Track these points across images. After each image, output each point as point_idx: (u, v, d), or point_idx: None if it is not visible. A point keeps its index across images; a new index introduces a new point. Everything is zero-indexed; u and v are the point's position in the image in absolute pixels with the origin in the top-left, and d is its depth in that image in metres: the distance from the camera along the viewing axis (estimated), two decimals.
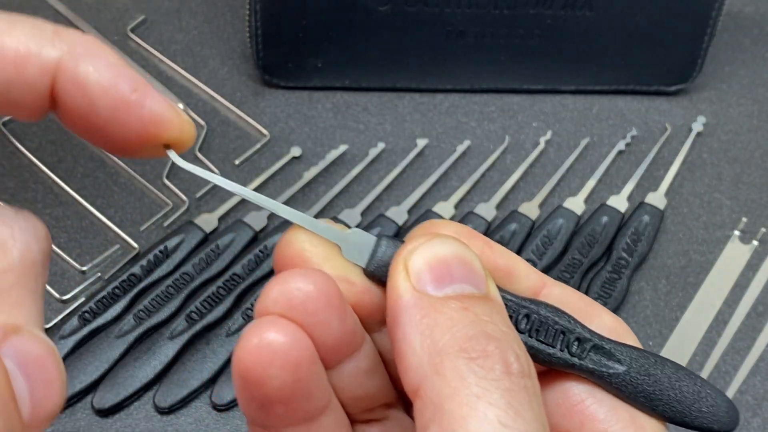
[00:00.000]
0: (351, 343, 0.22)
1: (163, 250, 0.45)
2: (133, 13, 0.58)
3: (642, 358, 0.22)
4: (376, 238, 0.22)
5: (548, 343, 0.22)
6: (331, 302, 0.20)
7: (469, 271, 0.20)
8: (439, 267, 0.20)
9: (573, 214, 0.48)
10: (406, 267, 0.20)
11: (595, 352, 0.22)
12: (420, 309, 0.20)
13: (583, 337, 0.22)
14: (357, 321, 0.22)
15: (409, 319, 0.20)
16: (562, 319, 0.22)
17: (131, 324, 0.42)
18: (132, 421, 0.40)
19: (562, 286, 0.24)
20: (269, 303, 0.20)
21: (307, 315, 0.20)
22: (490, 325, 0.19)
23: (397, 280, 0.20)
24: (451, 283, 0.20)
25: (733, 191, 0.52)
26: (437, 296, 0.20)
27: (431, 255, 0.20)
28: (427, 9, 0.51)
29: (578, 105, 0.56)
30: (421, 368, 0.19)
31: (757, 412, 0.43)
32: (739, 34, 0.61)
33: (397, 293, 0.20)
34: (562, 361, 0.22)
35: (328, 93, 0.55)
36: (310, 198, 0.49)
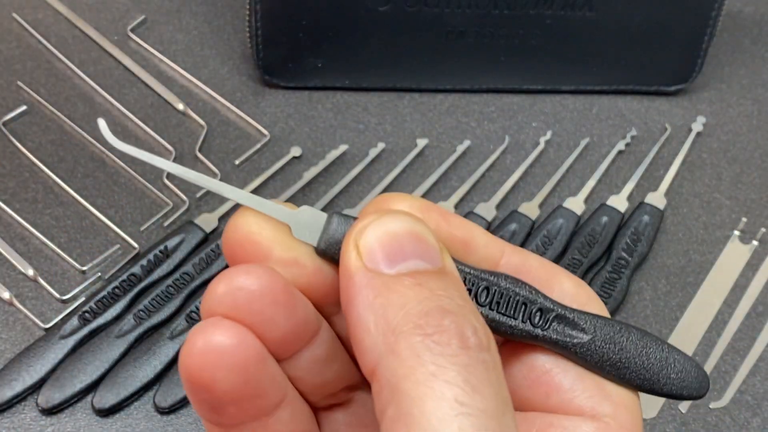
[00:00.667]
0: (303, 333, 0.21)
1: (164, 249, 0.45)
2: (134, 13, 0.58)
3: (607, 326, 0.22)
4: (327, 215, 0.21)
5: (509, 315, 0.21)
6: (277, 299, 0.20)
7: (422, 246, 0.20)
8: (390, 243, 0.20)
9: (573, 214, 0.48)
10: (357, 245, 0.20)
11: (558, 321, 0.22)
12: (373, 288, 0.19)
13: (545, 307, 0.22)
14: (310, 309, 0.21)
15: (362, 299, 0.19)
16: (522, 290, 0.21)
17: (131, 324, 0.42)
18: (132, 421, 0.40)
19: (522, 252, 0.23)
20: (214, 303, 0.20)
21: (252, 314, 0.20)
22: (446, 299, 0.19)
23: (348, 259, 0.20)
24: (404, 259, 0.19)
25: (732, 191, 0.52)
26: (390, 274, 0.19)
27: (382, 231, 0.20)
28: (427, 9, 0.51)
29: (578, 105, 0.56)
30: (376, 348, 0.18)
31: (757, 411, 0.43)
32: (738, 35, 0.61)
33: (348, 273, 0.20)
34: (525, 332, 0.21)
35: (328, 93, 0.55)
36: (310, 198, 0.49)
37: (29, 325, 0.43)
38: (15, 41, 0.55)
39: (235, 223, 0.21)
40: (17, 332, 0.43)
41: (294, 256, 0.21)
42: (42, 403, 0.40)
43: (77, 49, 0.55)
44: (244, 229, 0.21)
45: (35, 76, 0.54)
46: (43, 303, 0.44)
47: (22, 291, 0.44)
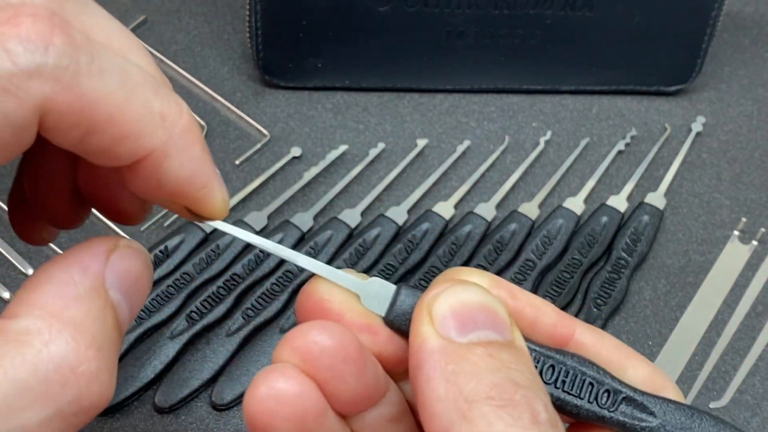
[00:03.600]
0: (371, 393, 0.21)
1: (164, 250, 0.45)
2: (134, 13, 0.58)
3: (678, 411, 0.22)
4: (396, 287, 0.22)
5: (576, 394, 0.21)
6: (349, 356, 0.20)
7: (493, 318, 0.20)
8: (463, 313, 0.20)
9: (573, 214, 0.48)
10: (430, 313, 0.20)
11: (626, 404, 0.21)
12: (444, 355, 0.19)
13: (612, 388, 0.21)
14: (380, 371, 0.22)
15: (433, 365, 0.19)
16: (590, 370, 0.21)
17: (131, 324, 0.42)
18: (132, 421, 0.40)
19: (595, 332, 0.23)
20: (286, 353, 0.20)
21: (323, 369, 0.20)
22: (517, 372, 0.19)
23: (420, 325, 0.20)
24: (476, 329, 0.20)
25: (732, 191, 0.52)
26: (461, 342, 0.20)
27: (455, 301, 0.20)
28: (427, 9, 0.51)
29: (578, 105, 0.56)
30: (447, 415, 0.19)
31: (756, 411, 0.43)
32: (738, 35, 0.61)
33: (420, 339, 0.20)
34: (591, 413, 0.21)
35: (328, 93, 0.55)
36: (310, 198, 0.49)
37: None
38: None
39: (309, 290, 0.22)
40: None
41: (366, 323, 0.22)
42: None
43: None
44: (317, 296, 0.22)
45: None
46: None
47: None
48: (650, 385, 0.23)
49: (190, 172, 0.20)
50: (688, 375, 0.44)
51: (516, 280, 0.46)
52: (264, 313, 0.43)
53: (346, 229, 0.47)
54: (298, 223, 0.47)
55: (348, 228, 0.47)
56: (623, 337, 0.45)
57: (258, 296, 0.43)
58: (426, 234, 0.47)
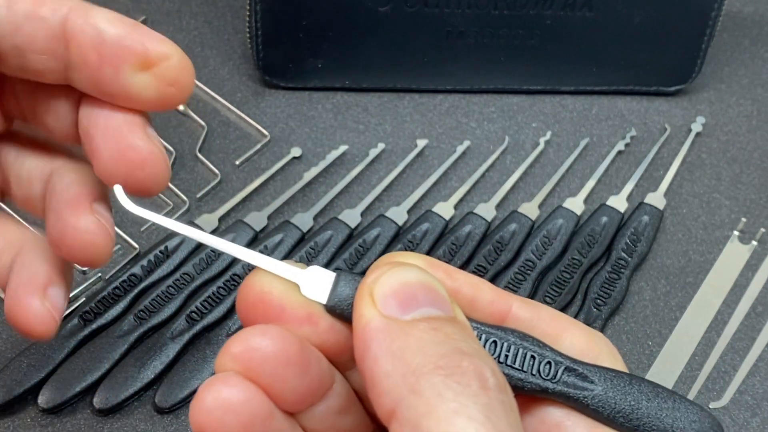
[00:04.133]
0: (317, 390, 0.22)
1: (164, 250, 0.45)
2: (134, 13, 0.58)
3: (617, 378, 0.22)
4: (336, 274, 0.22)
5: (519, 368, 0.22)
6: (291, 359, 0.21)
7: (433, 296, 0.21)
8: (404, 292, 0.20)
9: (573, 214, 0.48)
10: (372, 294, 0.21)
11: (567, 374, 0.22)
12: (389, 333, 0.20)
13: (553, 359, 0.22)
14: (324, 365, 0.22)
15: (378, 344, 0.20)
16: (531, 344, 0.22)
17: (132, 324, 0.42)
18: (132, 422, 0.40)
19: (531, 304, 0.24)
20: (228, 360, 0.20)
21: (266, 374, 0.20)
22: (462, 342, 0.20)
23: (363, 307, 0.20)
24: (417, 306, 0.20)
25: (732, 191, 0.52)
26: (405, 320, 0.20)
27: (395, 281, 0.21)
28: (427, 9, 0.51)
29: (578, 105, 0.56)
30: (396, 390, 0.19)
31: (756, 411, 0.43)
32: (738, 35, 0.61)
33: (364, 320, 0.20)
34: (534, 385, 0.22)
35: (328, 93, 0.55)
36: (311, 198, 0.49)
37: None
38: None
39: (247, 284, 0.22)
40: (18, 332, 0.43)
41: (307, 313, 0.22)
42: (42, 403, 0.40)
43: None
44: (256, 288, 0.22)
45: None
46: None
47: None
48: (587, 351, 0.23)
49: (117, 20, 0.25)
50: (688, 375, 0.44)
51: (516, 280, 0.46)
52: None
53: (346, 230, 0.47)
54: (298, 223, 0.47)
55: (348, 228, 0.47)
56: (623, 337, 0.45)
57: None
58: (426, 234, 0.47)
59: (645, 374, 0.44)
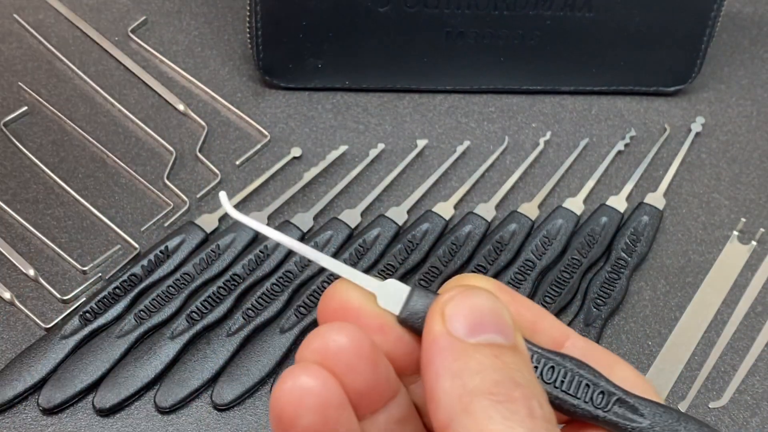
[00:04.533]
0: (383, 391, 0.23)
1: (164, 250, 0.45)
2: (134, 14, 0.58)
3: (665, 414, 0.23)
4: (410, 288, 0.24)
5: (573, 394, 0.23)
6: (362, 352, 0.22)
7: (500, 323, 0.22)
8: (473, 316, 0.22)
9: (572, 214, 0.49)
10: (443, 313, 0.22)
11: (618, 405, 0.23)
12: (452, 352, 0.21)
13: (607, 390, 0.23)
14: (391, 371, 0.23)
15: (441, 361, 0.21)
16: (586, 372, 0.23)
17: (132, 324, 0.42)
18: (133, 421, 0.40)
19: (585, 340, 0.25)
20: (307, 352, 0.22)
21: (339, 364, 0.22)
22: (517, 373, 0.21)
23: (433, 324, 0.22)
24: (483, 332, 0.22)
25: (731, 191, 0.52)
26: (469, 342, 0.22)
27: (467, 305, 0.22)
28: (426, 10, 0.51)
29: (577, 106, 0.56)
30: (451, 407, 0.21)
31: (756, 411, 0.43)
32: (737, 35, 0.61)
33: (432, 336, 0.22)
34: (586, 412, 0.23)
35: (328, 93, 0.55)
36: (311, 198, 0.49)
37: (30, 325, 0.43)
38: (16, 42, 0.56)
39: (329, 292, 0.24)
40: (18, 332, 0.43)
41: (380, 323, 0.24)
42: (43, 402, 0.40)
43: (78, 50, 0.56)
44: (337, 296, 0.24)
45: (36, 77, 0.54)
46: (44, 303, 0.44)
47: (23, 291, 0.44)
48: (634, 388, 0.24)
49: None
50: (688, 375, 0.44)
51: (516, 280, 0.46)
52: (264, 313, 0.43)
53: (347, 229, 0.47)
54: (298, 223, 0.47)
55: (348, 228, 0.47)
56: (623, 337, 0.45)
57: (258, 296, 0.44)
58: (426, 234, 0.47)
59: (645, 374, 0.44)
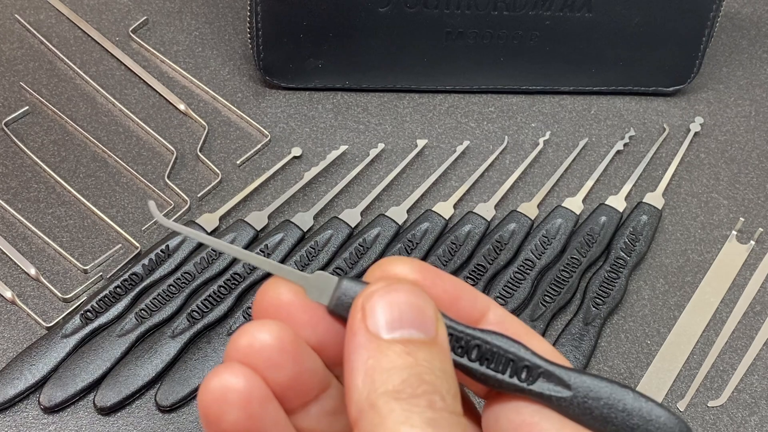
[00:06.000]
0: (310, 384, 0.24)
1: (165, 249, 0.45)
2: (135, 14, 0.58)
3: (590, 382, 0.24)
4: (338, 279, 0.24)
5: (498, 370, 0.23)
6: (285, 348, 0.23)
7: (419, 318, 0.23)
8: (392, 312, 0.22)
9: (572, 213, 0.49)
10: (364, 309, 0.23)
11: (543, 378, 0.23)
12: (367, 349, 0.22)
13: (532, 364, 0.23)
14: (319, 364, 0.24)
15: (357, 357, 0.22)
16: (511, 347, 0.24)
17: (133, 323, 0.42)
18: (134, 420, 0.40)
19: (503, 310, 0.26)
20: (232, 350, 0.23)
21: (262, 360, 0.23)
22: (427, 370, 0.22)
23: (353, 320, 0.23)
24: (401, 327, 0.22)
25: (730, 191, 0.52)
26: (385, 339, 0.22)
27: (386, 300, 0.23)
28: (426, 10, 0.51)
29: (577, 105, 0.56)
30: (360, 402, 0.21)
31: (754, 410, 0.43)
32: (736, 36, 0.61)
33: (351, 332, 0.23)
34: (512, 386, 0.23)
35: (329, 93, 0.55)
36: (311, 198, 0.49)
37: (31, 324, 0.43)
38: (17, 42, 0.56)
39: (261, 289, 0.25)
40: (19, 331, 0.43)
41: (309, 317, 0.24)
42: (44, 401, 0.40)
43: (79, 50, 0.56)
44: (268, 293, 0.25)
45: (37, 77, 0.54)
46: (45, 302, 0.44)
47: (25, 290, 0.44)
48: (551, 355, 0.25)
49: None
50: (687, 374, 0.44)
51: (515, 279, 0.46)
52: None
53: (347, 229, 0.47)
54: (298, 222, 0.47)
55: (348, 227, 0.47)
56: (622, 336, 0.45)
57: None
58: (426, 233, 0.47)
59: (643, 373, 0.44)
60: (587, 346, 0.44)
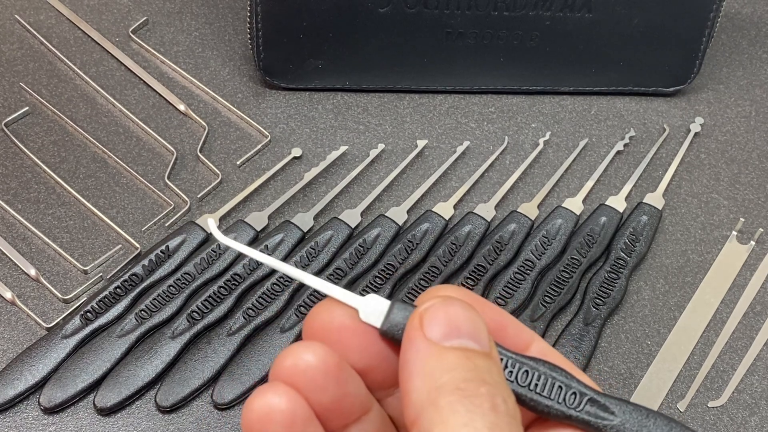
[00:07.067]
0: (352, 406, 0.25)
1: (165, 250, 0.45)
2: (135, 14, 0.58)
3: (635, 412, 0.24)
4: (391, 302, 0.25)
5: (547, 396, 0.24)
6: (329, 370, 0.24)
7: (474, 331, 0.23)
8: (449, 322, 0.23)
9: (572, 214, 0.49)
10: (422, 319, 0.23)
11: (590, 404, 0.24)
12: (427, 354, 0.23)
13: (579, 390, 0.24)
14: (362, 388, 0.25)
15: (416, 361, 0.23)
16: (559, 374, 0.24)
17: (133, 323, 0.42)
18: (133, 420, 0.40)
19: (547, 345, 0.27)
20: (277, 370, 0.24)
21: (306, 381, 0.24)
22: (486, 373, 0.22)
23: (411, 329, 0.23)
24: (459, 337, 0.23)
25: (730, 192, 0.52)
26: (443, 345, 0.23)
27: (443, 312, 0.23)
28: (426, 10, 0.51)
29: (577, 106, 0.56)
30: (419, 402, 0.22)
31: (754, 411, 0.43)
32: (736, 36, 0.61)
33: (409, 339, 0.23)
34: (560, 412, 0.24)
35: (329, 94, 0.55)
36: (311, 198, 0.49)
37: (31, 324, 0.43)
38: (17, 42, 0.56)
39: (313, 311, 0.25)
40: (19, 332, 0.43)
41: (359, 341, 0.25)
42: (44, 402, 0.40)
43: (79, 51, 0.56)
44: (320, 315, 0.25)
45: (37, 78, 0.54)
46: (45, 303, 0.44)
47: (25, 291, 0.44)
48: None
49: None
50: (687, 374, 0.44)
51: (515, 279, 0.46)
52: (265, 313, 0.43)
53: (347, 229, 0.47)
54: (298, 223, 0.47)
55: (348, 228, 0.47)
56: (622, 337, 0.45)
57: (259, 296, 0.44)
58: (426, 234, 0.47)
59: (644, 373, 0.44)
60: (587, 346, 0.44)
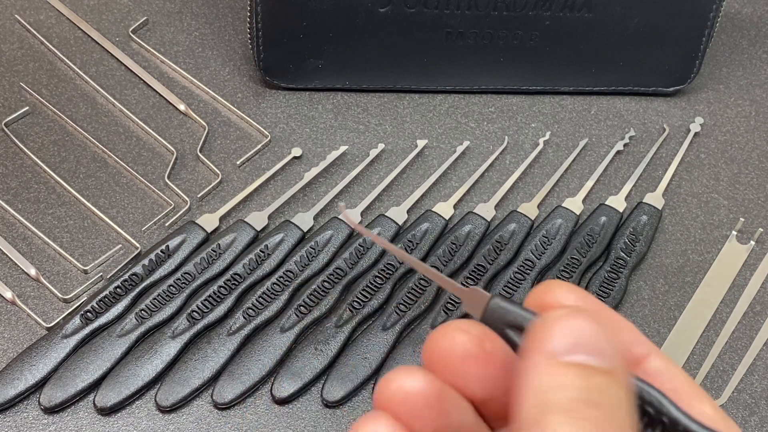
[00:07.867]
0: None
1: (165, 249, 0.45)
2: (135, 14, 0.58)
3: None
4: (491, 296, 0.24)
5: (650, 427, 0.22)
6: (429, 401, 0.23)
7: (597, 347, 0.22)
8: (571, 336, 0.22)
9: (572, 213, 0.49)
10: (542, 331, 0.22)
11: None
12: (543, 368, 0.22)
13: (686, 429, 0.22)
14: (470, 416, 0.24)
15: (531, 373, 0.22)
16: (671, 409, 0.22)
17: (133, 323, 0.42)
18: (134, 420, 0.40)
19: (667, 360, 0.25)
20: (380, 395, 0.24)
21: (407, 410, 0.23)
22: (604, 395, 0.21)
23: (528, 341, 0.22)
24: (578, 352, 0.22)
25: (730, 191, 0.52)
26: (561, 361, 0.22)
27: (566, 325, 0.22)
28: (426, 10, 0.51)
29: (577, 106, 0.56)
30: (527, 417, 0.21)
31: (754, 410, 0.43)
32: (736, 36, 0.61)
33: (524, 354, 0.22)
34: None
35: (329, 94, 0.55)
36: (311, 198, 0.49)
37: (31, 324, 0.43)
38: (17, 42, 0.56)
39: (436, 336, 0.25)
40: (19, 331, 0.43)
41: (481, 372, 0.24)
42: (44, 402, 0.40)
43: (79, 51, 0.56)
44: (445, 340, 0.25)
45: (37, 77, 0.54)
46: (45, 302, 0.44)
47: (25, 290, 0.44)
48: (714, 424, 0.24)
49: None
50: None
51: (515, 279, 0.46)
52: (265, 313, 0.43)
53: (347, 229, 0.47)
54: (298, 222, 0.47)
55: (348, 228, 0.47)
56: None
57: (259, 296, 0.44)
58: (426, 234, 0.47)
59: None
60: None
